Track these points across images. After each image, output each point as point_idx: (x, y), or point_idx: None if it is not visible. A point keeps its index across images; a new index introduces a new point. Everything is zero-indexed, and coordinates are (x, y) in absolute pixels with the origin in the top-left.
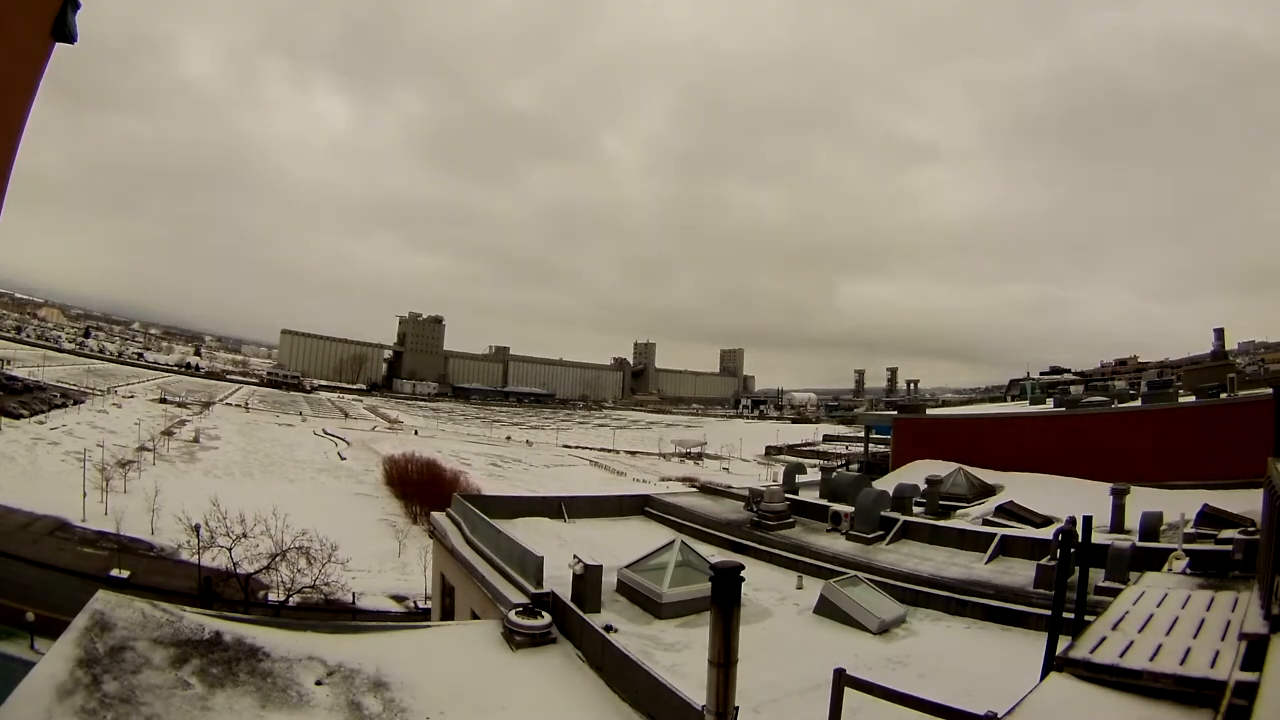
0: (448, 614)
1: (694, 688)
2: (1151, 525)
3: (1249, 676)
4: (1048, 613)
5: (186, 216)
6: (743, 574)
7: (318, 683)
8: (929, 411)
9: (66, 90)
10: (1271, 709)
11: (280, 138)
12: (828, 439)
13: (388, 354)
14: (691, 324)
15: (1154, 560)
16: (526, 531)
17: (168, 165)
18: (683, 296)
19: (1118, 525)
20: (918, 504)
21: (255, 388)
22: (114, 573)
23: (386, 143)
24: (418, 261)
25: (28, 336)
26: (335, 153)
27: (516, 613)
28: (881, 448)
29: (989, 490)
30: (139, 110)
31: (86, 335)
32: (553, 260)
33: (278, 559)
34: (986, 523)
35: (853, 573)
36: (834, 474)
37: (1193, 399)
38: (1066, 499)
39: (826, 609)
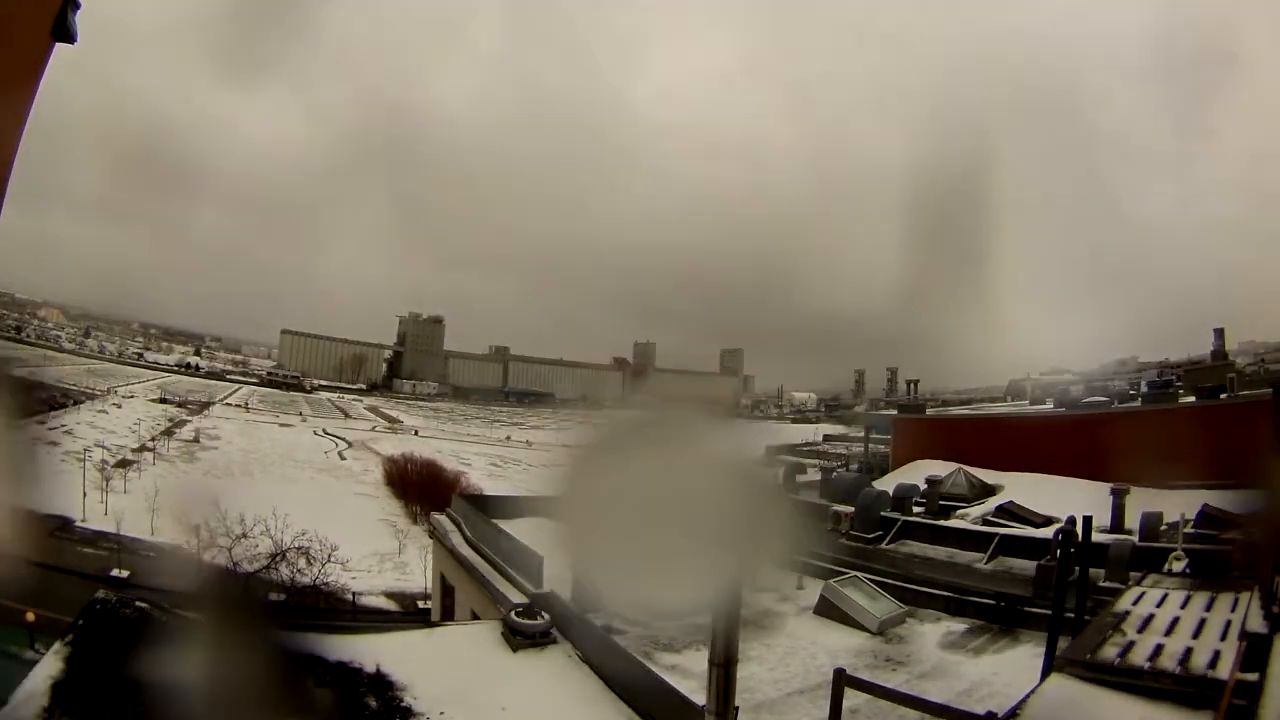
0: (448, 614)
1: (694, 688)
2: (1151, 525)
3: (1249, 676)
4: (1048, 613)
5: (185, 216)
6: None
7: (317, 683)
8: (929, 411)
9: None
10: (1273, 709)
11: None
12: (828, 439)
13: (388, 354)
14: (692, 323)
15: (1154, 560)
16: (526, 531)
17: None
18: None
19: (1118, 525)
20: (918, 504)
21: (255, 388)
22: (114, 573)
23: None
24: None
25: (28, 336)
26: None
27: (516, 613)
28: (881, 448)
29: (989, 490)
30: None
31: (86, 335)
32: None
33: (277, 559)
34: (986, 523)
35: (853, 573)
36: (834, 474)
37: (1193, 399)
38: (1066, 499)
39: (826, 609)
